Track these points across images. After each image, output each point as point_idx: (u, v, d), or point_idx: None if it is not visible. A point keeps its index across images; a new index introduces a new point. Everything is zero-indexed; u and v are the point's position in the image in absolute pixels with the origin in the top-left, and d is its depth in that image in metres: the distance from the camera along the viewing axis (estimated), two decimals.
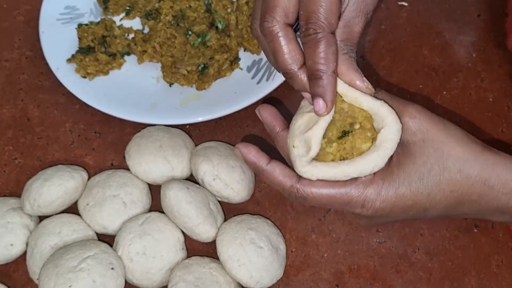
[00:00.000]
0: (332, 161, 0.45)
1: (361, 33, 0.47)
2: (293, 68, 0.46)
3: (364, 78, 0.46)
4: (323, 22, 0.44)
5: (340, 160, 0.45)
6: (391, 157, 0.45)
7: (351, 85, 0.45)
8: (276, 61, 0.47)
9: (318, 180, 0.44)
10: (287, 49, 0.45)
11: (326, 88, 0.44)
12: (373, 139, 0.45)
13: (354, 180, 0.44)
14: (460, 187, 0.45)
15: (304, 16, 0.44)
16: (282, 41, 0.45)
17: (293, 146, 0.45)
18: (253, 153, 0.47)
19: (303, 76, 0.46)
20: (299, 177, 0.45)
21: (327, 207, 0.47)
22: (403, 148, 0.45)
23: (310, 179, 0.44)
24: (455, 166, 0.44)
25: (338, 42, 0.46)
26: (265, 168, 0.46)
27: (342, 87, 0.45)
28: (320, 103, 0.44)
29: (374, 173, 0.45)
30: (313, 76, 0.45)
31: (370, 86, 0.45)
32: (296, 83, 0.46)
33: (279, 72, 0.48)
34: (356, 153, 0.45)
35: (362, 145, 0.45)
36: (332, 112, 0.45)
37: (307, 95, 0.47)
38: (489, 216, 0.47)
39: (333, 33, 0.45)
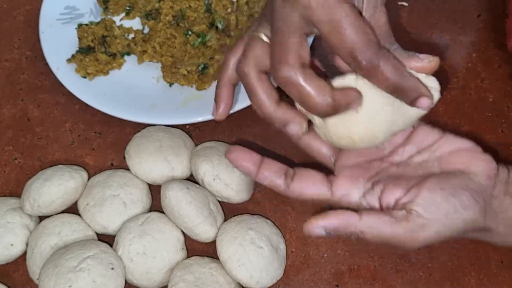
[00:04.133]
0: None
1: (388, 23, 0.46)
2: (271, 109, 0.45)
3: (421, 55, 0.44)
4: (372, 47, 0.41)
5: None
6: None
7: (415, 70, 0.44)
8: (253, 104, 0.47)
9: None
10: (263, 92, 0.45)
11: (418, 87, 0.43)
12: None
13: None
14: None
15: (344, 53, 0.41)
16: (256, 84, 0.46)
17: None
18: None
19: (280, 114, 0.45)
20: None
21: None
22: None
23: None
24: None
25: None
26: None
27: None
28: (425, 101, 0.43)
29: None
30: (397, 92, 0.43)
31: (430, 57, 0.43)
32: (276, 121, 0.46)
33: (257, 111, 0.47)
34: None
35: None
36: None
37: (291, 128, 0.46)
38: None
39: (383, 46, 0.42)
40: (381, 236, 0.43)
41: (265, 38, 0.46)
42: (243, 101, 0.63)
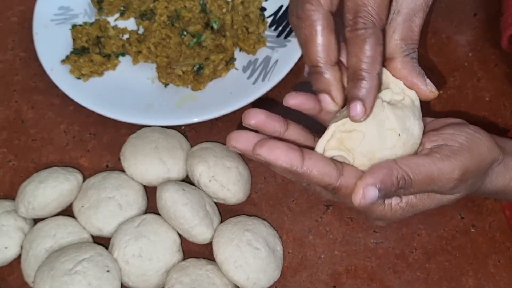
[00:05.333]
0: None
1: (421, 28, 0.44)
2: (322, 63, 0.41)
3: (428, 80, 0.43)
4: (374, 17, 0.39)
5: None
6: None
7: (413, 89, 0.43)
8: (305, 51, 0.41)
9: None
10: (324, 40, 0.40)
11: (368, 91, 0.40)
12: None
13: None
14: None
15: (352, 9, 0.39)
16: (321, 30, 0.40)
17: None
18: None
19: (329, 75, 0.41)
20: None
21: None
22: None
23: None
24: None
25: (398, 41, 0.43)
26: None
27: None
28: (358, 108, 0.40)
29: None
30: (355, 77, 0.40)
31: (434, 89, 0.44)
32: (320, 81, 0.41)
33: (306, 63, 0.42)
34: None
35: None
36: None
37: (326, 98, 0.42)
38: None
39: (382, 30, 0.40)
40: (423, 172, 0.40)
41: None
42: (238, 102, 0.63)
